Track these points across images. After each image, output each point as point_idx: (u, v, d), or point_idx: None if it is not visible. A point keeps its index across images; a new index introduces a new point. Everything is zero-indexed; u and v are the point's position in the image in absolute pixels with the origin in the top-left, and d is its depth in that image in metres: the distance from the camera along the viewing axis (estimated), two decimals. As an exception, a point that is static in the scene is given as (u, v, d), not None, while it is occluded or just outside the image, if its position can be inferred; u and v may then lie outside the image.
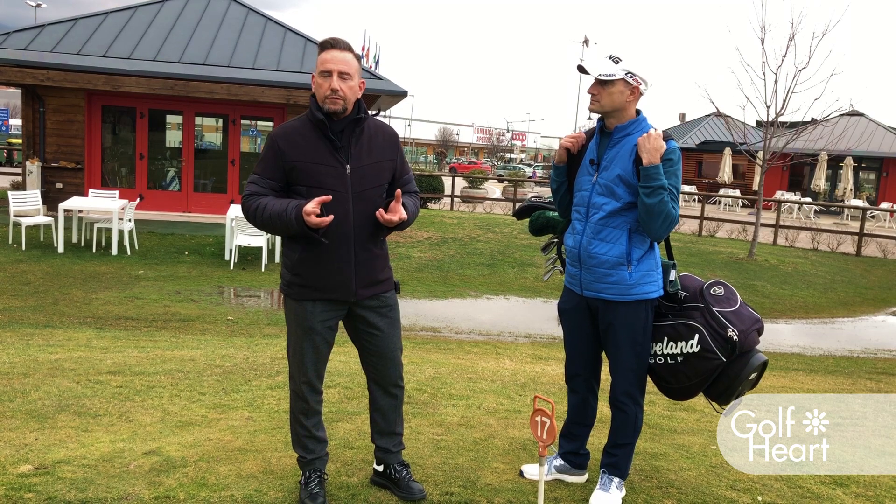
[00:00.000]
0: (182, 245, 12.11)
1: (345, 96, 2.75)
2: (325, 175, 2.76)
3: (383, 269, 2.97)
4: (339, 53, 2.76)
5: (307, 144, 2.77)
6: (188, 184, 14.90)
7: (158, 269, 10.56)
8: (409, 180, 3.01)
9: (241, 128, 15.16)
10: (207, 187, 15.14)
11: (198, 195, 14.92)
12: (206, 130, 16.12)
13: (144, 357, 5.38)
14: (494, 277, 12.00)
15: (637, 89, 2.96)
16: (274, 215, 2.73)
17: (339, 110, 2.76)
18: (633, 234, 2.96)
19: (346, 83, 2.76)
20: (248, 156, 15.41)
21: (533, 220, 3.54)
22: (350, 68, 2.77)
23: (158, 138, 15.13)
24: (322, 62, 2.77)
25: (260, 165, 2.83)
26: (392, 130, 2.98)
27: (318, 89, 2.78)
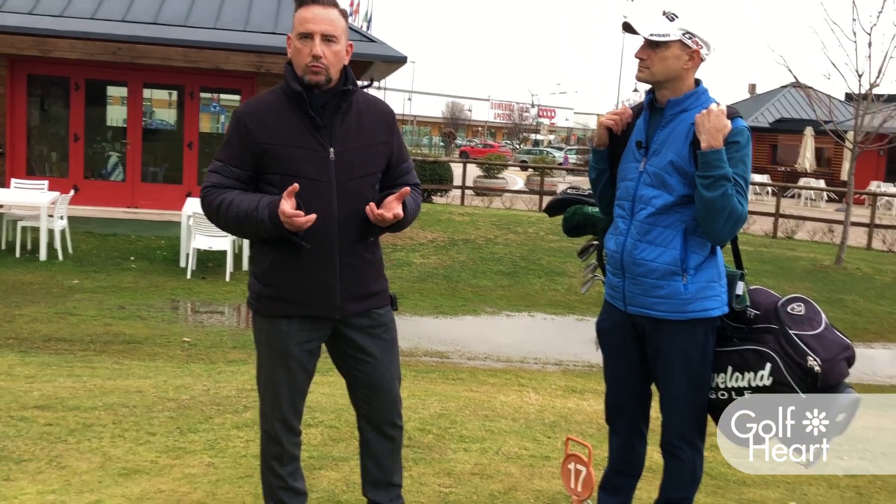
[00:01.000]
0: (127, 248, 12.17)
1: (329, 64, 2.79)
2: (303, 160, 2.79)
3: (376, 278, 2.99)
4: (322, 11, 2.80)
5: (281, 123, 2.80)
6: (134, 172, 14.99)
7: (97, 278, 10.62)
8: (408, 169, 3.04)
9: (200, 102, 15.25)
10: (158, 177, 15.23)
11: (146, 186, 15.01)
12: (158, 106, 16.21)
13: (80, 388, 5.40)
14: (516, 289, 12.01)
15: (697, 54, 2.97)
16: (241, 214, 2.76)
17: (321, 81, 2.79)
18: (690, 235, 2.96)
19: (330, 48, 2.79)
20: (209, 137, 15.49)
21: (568, 218, 3.55)
22: (335, 29, 2.80)
23: (97, 115, 15.23)
24: (301, 22, 2.80)
25: (223, 150, 2.86)
26: (387, 107, 3.01)
27: (297, 55, 2.81)
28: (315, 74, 2.78)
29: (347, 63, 2.90)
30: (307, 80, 2.78)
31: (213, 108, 16.03)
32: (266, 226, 2.73)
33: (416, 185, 3.06)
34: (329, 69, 2.79)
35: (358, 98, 2.91)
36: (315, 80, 2.78)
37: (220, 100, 16.13)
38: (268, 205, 2.72)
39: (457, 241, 14.26)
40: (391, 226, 2.88)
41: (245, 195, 2.80)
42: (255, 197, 2.78)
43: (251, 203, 2.75)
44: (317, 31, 2.77)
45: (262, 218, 2.72)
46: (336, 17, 2.82)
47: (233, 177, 2.83)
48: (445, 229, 15.04)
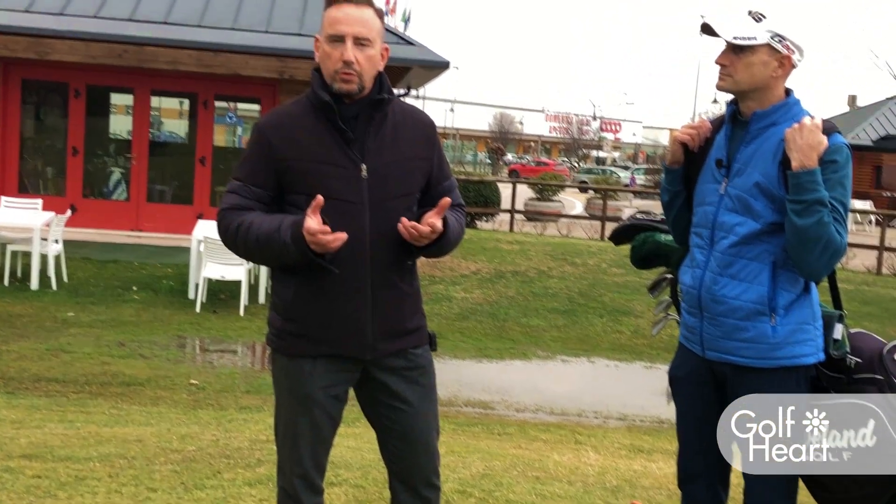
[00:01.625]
0: (129, 277, 12.37)
1: (361, 70, 2.84)
2: (332, 179, 2.84)
3: (413, 313, 3.01)
4: (355, 10, 2.85)
5: (307, 137, 2.86)
6: (139, 191, 15.28)
7: (95, 310, 10.79)
8: (450, 188, 3.08)
9: (214, 113, 15.53)
10: (167, 196, 15.50)
11: (152, 207, 15.29)
12: (167, 116, 16.56)
13: (73, 435, 5.47)
14: (574, 330, 11.96)
15: (787, 59, 2.96)
16: (262, 237, 2.81)
17: (353, 90, 2.84)
18: (779, 269, 2.94)
19: (363, 52, 2.84)
20: (225, 152, 15.75)
21: (637, 247, 3.54)
22: (370, 31, 2.86)
23: (99, 126, 15.58)
24: (331, 23, 2.85)
25: (242, 168, 2.92)
26: (426, 117, 3.06)
27: (326, 61, 2.86)
28: (346, 83, 2.82)
29: (382, 69, 2.94)
30: (336, 88, 2.84)
31: (230, 118, 16.33)
32: (290, 249, 2.76)
33: (459, 205, 3.09)
34: (362, 76, 2.84)
35: (394, 108, 2.96)
36: (346, 88, 2.83)
37: (237, 110, 16.44)
38: (291, 225, 2.75)
39: (504, 274, 14.25)
40: (430, 248, 2.89)
41: (266, 216, 2.84)
42: (278, 218, 2.82)
43: (273, 224, 2.80)
44: (349, 34, 2.82)
45: (284, 240, 2.75)
46: (371, 17, 2.87)
47: (253, 197, 2.88)
48: (491, 259, 15.05)
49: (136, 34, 13.61)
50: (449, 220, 2.94)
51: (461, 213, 3.10)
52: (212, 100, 15.36)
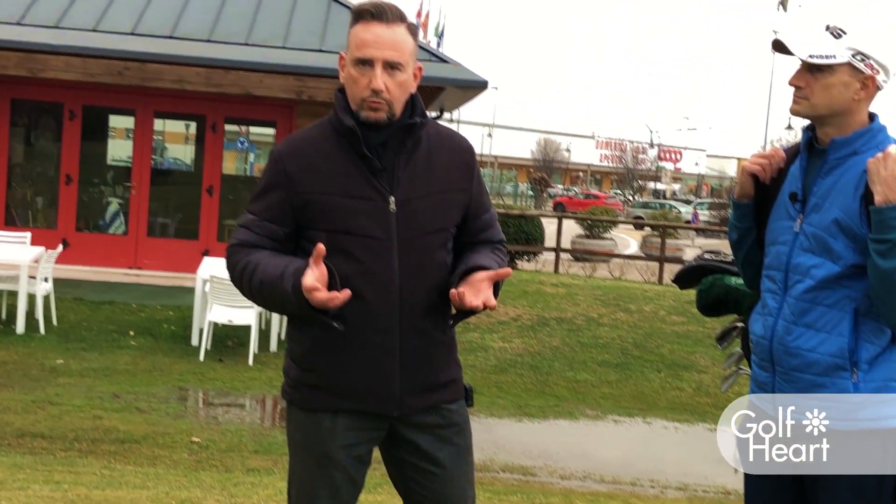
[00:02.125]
0: (126, 320, 12.46)
1: (392, 98, 2.88)
2: (357, 213, 2.87)
3: (447, 364, 3.03)
4: (386, 31, 2.87)
5: (329, 166, 2.90)
6: (139, 224, 15.45)
7: (87, 357, 10.87)
8: (490, 222, 3.12)
9: (224, 137, 15.72)
10: (169, 230, 15.66)
11: (154, 242, 15.44)
12: (171, 140, 16.77)
13: (59, 498, 5.50)
14: (627, 386, 11.88)
15: (871, 80, 2.95)
16: (266, 282, 2.85)
17: (382, 119, 2.89)
18: (862, 317, 2.91)
19: (394, 78, 2.88)
20: (235, 181, 15.92)
21: (704, 291, 3.54)
22: (402, 54, 2.89)
23: (96, 152, 15.79)
24: (358, 45, 2.88)
25: (257, 201, 2.97)
26: (464, 142, 3.10)
27: (352, 85, 2.91)
28: (374, 111, 2.86)
29: (415, 90, 2.99)
30: (364, 117, 2.88)
31: (241, 144, 16.52)
32: (290, 300, 2.79)
33: (499, 242, 3.12)
34: (392, 104, 2.88)
35: (427, 133, 2.99)
36: (374, 118, 2.87)
37: (249, 134, 16.62)
38: (294, 273, 2.78)
39: (548, 321, 14.21)
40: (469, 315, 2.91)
41: (273, 258, 2.89)
42: (283, 262, 2.86)
43: (276, 269, 2.84)
44: (378, 59, 2.85)
45: (286, 289, 2.79)
46: (403, 37, 2.90)
47: (266, 234, 2.93)
48: (534, 304, 15.02)
49: (139, 49, 13.81)
50: (492, 258, 2.98)
51: (502, 250, 3.11)
52: (221, 123, 15.56)
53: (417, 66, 2.98)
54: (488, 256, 3.02)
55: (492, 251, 3.06)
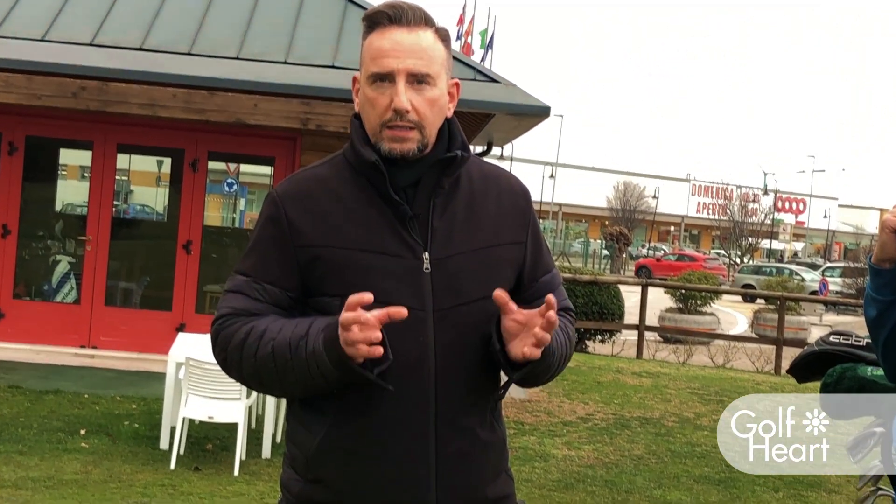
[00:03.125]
0: (76, 416, 12.46)
1: (421, 120, 2.90)
2: (381, 273, 2.89)
3: (495, 475, 3.01)
4: (407, 35, 2.92)
5: (346, 212, 2.94)
6: (95, 289, 15.48)
7: (24, 464, 10.87)
8: (551, 284, 3.15)
9: (207, 178, 15.76)
10: (133, 298, 15.70)
11: (113, 313, 15.46)
12: (139, 182, 16.86)
13: None
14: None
15: None
16: (281, 348, 2.85)
17: (410, 151, 2.91)
18: None
19: (423, 94, 2.91)
20: (221, 235, 15.95)
21: (830, 385, 3.52)
22: (430, 63, 2.93)
23: (42, 195, 15.87)
24: (374, 55, 2.93)
25: (250, 257, 3.02)
26: (518, 184, 3.15)
27: (369, 109, 2.95)
28: (399, 141, 2.89)
29: (452, 114, 3.02)
30: (386, 150, 2.90)
31: (229, 186, 16.60)
32: (321, 361, 2.78)
33: (567, 310, 3.16)
34: (423, 128, 2.90)
35: (469, 171, 3.03)
36: (399, 149, 2.90)
37: (239, 174, 16.68)
38: (325, 329, 2.79)
39: (628, 421, 14.11)
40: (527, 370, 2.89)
41: (286, 321, 2.90)
42: (304, 322, 2.87)
43: (298, 330, 2.84)
44: (399, 70, 2.88)
45: (314, 348, 2.79)
46: (431, 42, 2.94)
47: (266, 299, 2.95)
48: (609, 399, 14.93)
49: (99, 64, 13.89)
50: (556, 336, 2.97)
51: (570, 320, 3.13)
52: (204, 159, 15.61)
53: (453, 82, 3.01)
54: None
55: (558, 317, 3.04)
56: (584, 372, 15.98)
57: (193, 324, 14.34)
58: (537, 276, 3.09)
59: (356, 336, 2.67)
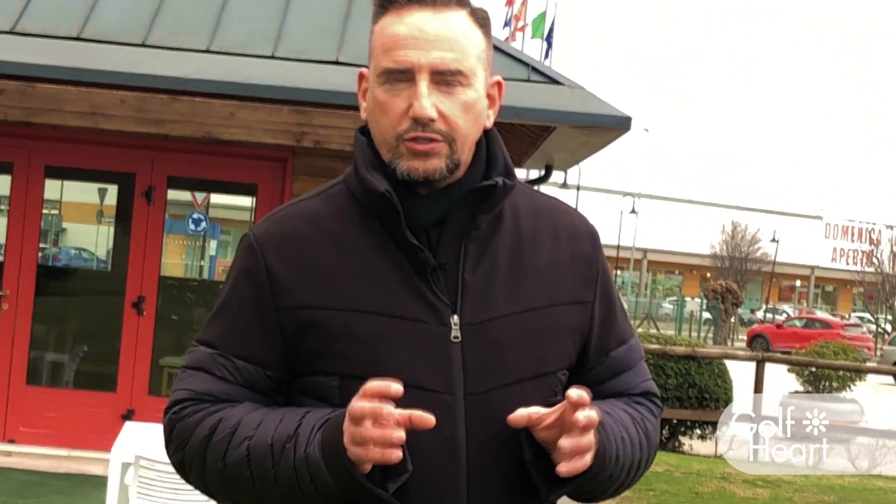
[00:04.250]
0: (-15, 535, 12.46)
1: (451, 132, 2.89)
2: (394, 344, 2.88)
3: None
4: (431, 18, 2.90)
5: (348, 261, 2.94)
6: (14, 363, 15.46)
7: None
8: (628, 360, 3.18)
9: (166, 212, 15.78)
10: (65, 375, 15.69)
11: (37, 395, 15.43)
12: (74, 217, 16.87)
13: None
14: None
15: None
16: (259, 451, 2.81)
17: (435, 172, 2.89)
18: None
19: (453, 97, 2.89)
20: (183, 289, 15.92)
21: None
22: (463, 55, 2.91)
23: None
24: (386, 45, 2.92)
25: (218, 321, 3.03)
26: (582, 222, 3.18)
27: (379, 117, 2.94)
28: (421, 158, 2.87)
29: (492, 125, 3.02)
30: (402, 170, 2.88)
31: (195, 223, 16.60)
32: (315, 470, 2.73)
33: (648, 395, 3.19)
34: (454, 141, 2.89)
35: (516, 204, 3.04)
36: (421, 169, 2.88)
37: (210, 206, 16.70)
38: (322, 425, 2.76)
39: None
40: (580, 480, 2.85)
41: (266, 411, 2.88)
42: (293, 414, 2.85)
43: (285, 425, 2.81)
44: (421, 65, 2.86)
45: (306, 452, 2.74)
46: (465, 28, 2.93)
47: (237, 379, 2.94)
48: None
49: (23, 59, 13.87)
50: (615, 419, 2.95)
51: (651, 409, 3.16)
52: (162, 187, 15.56)
53: (495, 82, 3.03)
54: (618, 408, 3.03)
55: (630, 405, 3.09)
56: (676, 479, 15.92)
57: (145, 410, 14.29)
58: (608, 348, 3.09)
59: (370, 433, 2.62)
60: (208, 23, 14.85)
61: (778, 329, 60.72)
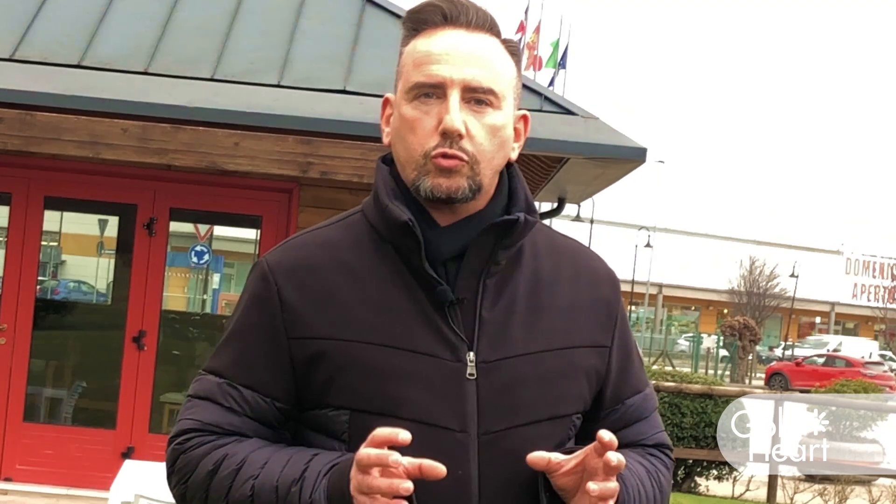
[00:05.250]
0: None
1: (478, 153, 2.89)
2: (409, 380, 2.88)
3: None
4: (465, 38, 2.94)
5: (361, 294, 2.95)
6: (10, 399, 15.44)
7: None
8: (642, 410, 3.20)
9: (168, 244, 15.77)
10: (63, 411, 15.66)
11: (36, 432, 15.41)
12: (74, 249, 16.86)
13: None
14: None
15: None
16: (264, 493, 2.81)
17: (459, 190, 2.89)
18: None
19: (484, 117, 2.91)
20: (185, 324, 15.91)
21: None
22: (495, 77, 2.94)
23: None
24: (419, 61, 2.93)
25: (227, 350, 3.03)
26: (600, 265, 3.21)
27: (408, 135, 2.93)
28: (447, 175, 2.87)
29: (516, 158, 3.04)
30: (427, 187, 2.90)
31: (198, 256, 16.59)
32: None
33: (661, 447, 3.20)
34: (477, 164, 2.89)
35: (536, 242, 3.06)
36: (445, 187, 2.88)
37: (213, 238, 16.67)
38: (329, 470, 2.75)
39: None
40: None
41: (273, 449, 2.88)
42: (300, 456, 2.84)
43: (291, 468, 2.80)
44: (454, 81, 2.88)
45: (311, 498, 2.74)
46: (498, 52, 2.96)
47: (245, 410, 2.94)
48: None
49: (22, 87, 13.92)
50: (632, 470, 2.96)
51: (665, 462, 3.17)
52: (164, 218, 15.60)
53: (521, 115, 3.06)
54: (633, 459, 3.04)
55: (644, 457, 3.10)
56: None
57: (146, 448, 14.32)
58: (624, 395, 3.09)
59: (377, 482, 2.61)
60: (212, 50, 14.88)
61: (797, 367, 60.86)
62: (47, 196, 15.52)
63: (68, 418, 15.64)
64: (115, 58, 14.55)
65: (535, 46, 30.21)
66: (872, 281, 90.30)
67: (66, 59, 14.47)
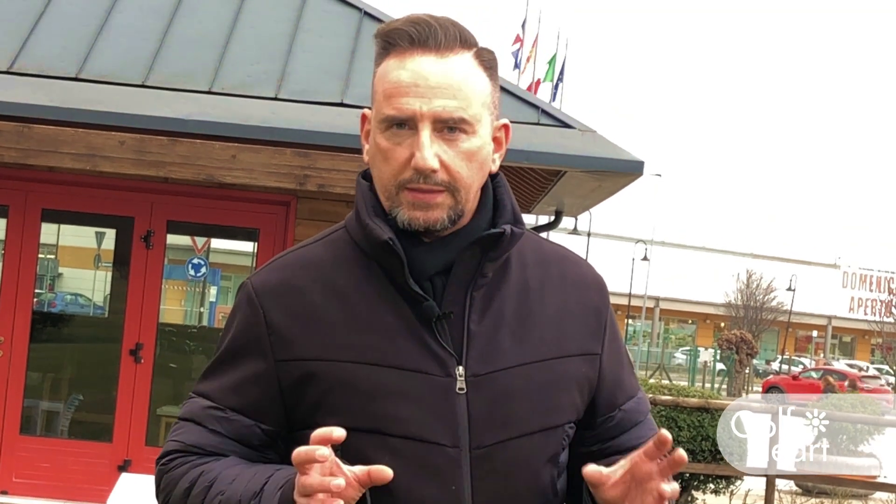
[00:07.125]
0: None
1: (455, 181, 2.87)
2: (398, 397, 2.87)
3: None
4: (435, 63, 2.88)
5: (347, 313, 2.93)
6: (7, 412, 15.36)
7: None
8: (635, 416, 3.17)
9: (165, 258, 15.72)
10: (60, 424, 15.57)
11: (32, 445, 15.33)
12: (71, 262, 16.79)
13: None
14: None
15: None
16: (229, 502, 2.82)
17: (437, 222, 2.88)
18: None
19: (456, 146, 2.87)
20: (182, 336, 15.81)
21: None
22: (467, 102, 2.89)
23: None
24: (389, 91, 2.90)
25: (214, 374, 3.03)
26: (590, 272, 3.17)
27: (380, 164, 2.93)
28: (422, 208, 2.86)
29: (497, 170, 3.02)
30: (403, 219, 2.88)
31: (195, 269, 16.56)
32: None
33: None
34: (456, 191, 2.88)
35: (523, 253, 3.04)
36: (422, 219, 2.87)
37: (210, 251, 16.63)
38: (285, 483, 2.73)
39: None
40: None
41: (245, 467, 2.88)
42: (264, 471, 2.84)
43: (254, 483, 2.81)
44: (423, 115, 2.84)
45: None
46: (469, 72, 2.91)
47: (228, 432, 2.94)
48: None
49: (19, 100, 13.85)
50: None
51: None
52: (161, 231, 15.51)
53: (501, 125, 3.00)
54: None
55: None
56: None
57: (142, 461, 14.21)
58: (618, 402, 3.09)
59: (310, 482, 2.61)
60: (210, 63, 14.81)
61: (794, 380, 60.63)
62: (44, 208, 15.41)
63: (65, 431, 15.57)
64: (112, 71, 14.48)
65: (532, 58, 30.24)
66: (869, 294, 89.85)
67: (64, 72, 14.39)
